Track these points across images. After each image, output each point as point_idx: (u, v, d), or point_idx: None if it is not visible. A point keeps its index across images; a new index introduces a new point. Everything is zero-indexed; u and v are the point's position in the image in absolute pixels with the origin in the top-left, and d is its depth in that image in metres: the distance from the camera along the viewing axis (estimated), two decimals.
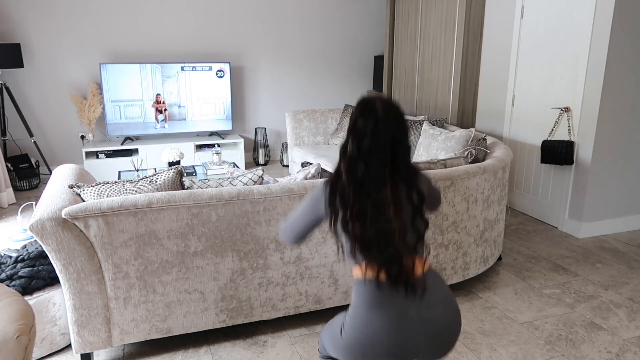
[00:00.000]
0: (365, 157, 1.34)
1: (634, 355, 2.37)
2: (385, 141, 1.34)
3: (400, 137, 1.37)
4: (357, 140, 1.35)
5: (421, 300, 1.37)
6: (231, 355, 2.37)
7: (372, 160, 1.34)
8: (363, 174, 1.35)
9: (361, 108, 1.37)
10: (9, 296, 1.63)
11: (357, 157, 1.35)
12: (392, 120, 1.35)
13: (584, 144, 3.64)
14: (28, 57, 5.09)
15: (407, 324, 1.36)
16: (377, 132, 1.33)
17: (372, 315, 1.36)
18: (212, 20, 5.65)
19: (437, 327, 1.39)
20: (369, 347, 1.36)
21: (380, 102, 1.36)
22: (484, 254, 2.94)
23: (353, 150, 1.35)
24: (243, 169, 3.99)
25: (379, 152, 1.34)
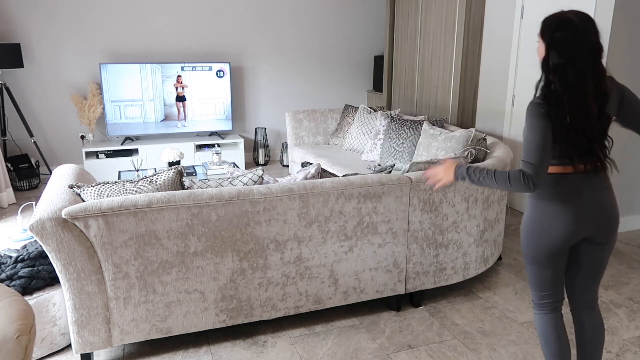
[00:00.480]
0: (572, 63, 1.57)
1: (634, 355, 2.37)
2: (587, 47, 1.57)
3: (597, 40, 1.60)
4: (560, 50, 1.58)
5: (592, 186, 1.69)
6: (231, 355, 2.37)
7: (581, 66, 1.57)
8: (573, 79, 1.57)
9: (556, 22, 1.60)
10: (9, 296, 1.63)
11: (564, 64, 1.58)
12: (589, 26, 1.58)
13: None
14: (28, 57, 5.09)
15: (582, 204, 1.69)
16: (578, 40, 1.57)
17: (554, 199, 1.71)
18: (212, 20, 5.65)
19: (603, 208, 1.71)
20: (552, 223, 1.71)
21: (573, 14, 1.59)
22: (484, 254, 2.94)
23: (558, 59, 1.58)
24: (243, 169, 4.00)
25: (584, 56, 1.57)
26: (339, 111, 5.32)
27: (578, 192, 1.70)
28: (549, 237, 1.74)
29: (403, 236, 2.59)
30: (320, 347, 2.43)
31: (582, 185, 1.70)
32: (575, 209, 1.70)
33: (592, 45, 1.58)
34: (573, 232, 1.72)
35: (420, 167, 2.70)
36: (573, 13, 1.59)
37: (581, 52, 1.57)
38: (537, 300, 1.89)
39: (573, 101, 1.58)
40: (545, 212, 1.73)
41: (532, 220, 1.78)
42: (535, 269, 1.83)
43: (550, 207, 1.72)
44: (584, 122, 1.61)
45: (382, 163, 4.14)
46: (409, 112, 5.47)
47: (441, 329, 2.59)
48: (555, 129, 1.62)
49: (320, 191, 2.35)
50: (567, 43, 1.57)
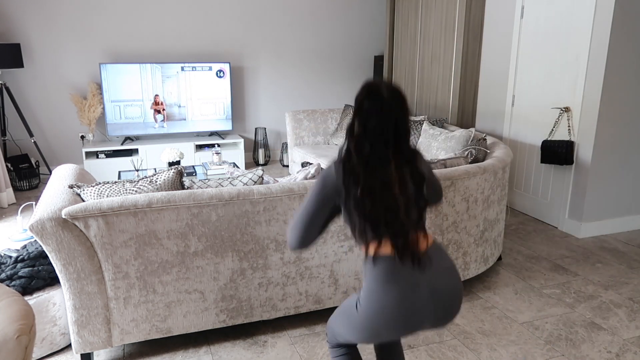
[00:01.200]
0: (371, 138, 1.44)
1: (634, 355, 2.37)
2: (389, 122, 1.43)
3: (403, 119, 1.46)
4: (363, 120, 1.44)
5: (428, 272, 1.46)
6: (231, 355, 2.37)
7: (378, 140, 1.44)
8: (369, 153, 1.44)
9: (367, 91, 1.46)
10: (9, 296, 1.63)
11: (364, 137, 1.44)
12: (396, 103, 1.45)
13: (584, 144, 3.64)
14: (28, 57, 5.09)
15: (419, 295, 1.45)
16: (382, 113, 1.43)
17: (386, 289, 1.45)
18: (212, 20, 5.65)
19: (444, 295, 1.49)
20: (386, 319, 1.46)
21: (385, 86, 1.46)
22: (484, 254, 2.94)
23: (359, 129, 1.45)
24: (243, 169, 3.99)
25: (383, 133, 1.43)
26: (339, 111, 5.32)
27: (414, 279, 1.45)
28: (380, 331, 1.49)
29: None
30: (320, 347, 2.43)
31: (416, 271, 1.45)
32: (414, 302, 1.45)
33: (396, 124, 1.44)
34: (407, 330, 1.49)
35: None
36: (387, 87, 1.45)
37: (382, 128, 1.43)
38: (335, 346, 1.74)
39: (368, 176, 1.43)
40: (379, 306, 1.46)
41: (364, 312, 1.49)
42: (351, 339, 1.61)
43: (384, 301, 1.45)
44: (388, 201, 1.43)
45: None
46: None
47: None
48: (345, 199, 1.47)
49: None
50: (368, 117, 1.43)
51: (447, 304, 1.50)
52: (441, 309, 1.49)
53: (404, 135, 1.47)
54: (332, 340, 1.73)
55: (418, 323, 1.48)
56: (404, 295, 1.44)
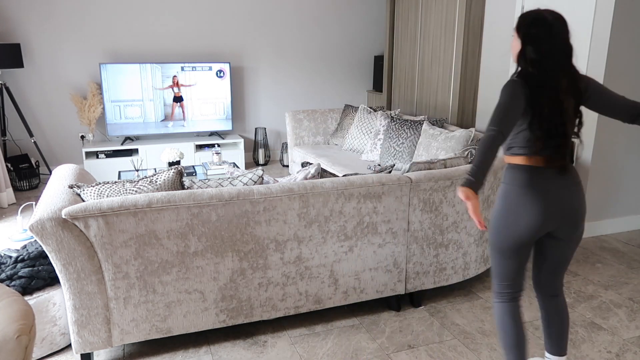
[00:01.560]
0: (546, 60, 1.63)
1: (634, 355, 2.37)
2: (560, 44, 1.65)
3: (569, 39, 1.68)
4: (535, 46, 1.64)
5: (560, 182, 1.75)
6: (231, 355, 2.37)
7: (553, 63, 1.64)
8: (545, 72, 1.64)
9: (532, 18, 1.67)
10: (9, 296, 1.63)
11: (538, 60, 1.63)
12: (562, 25, 1.67)
13: (584, 144, 3.64)
14: (28, 57, 5.09)
15: (550, 199, 1.74)
16: (552, 37, 1.64)
17: (523, 191, 1.75)
18: (212, 20, 5.65)
19: (571, 204, 1.77)
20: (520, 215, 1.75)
21: (547, 12, 1.67)
22: (484, 254, 2.94)
23: (533, 54, 1.64)
24: (243, 169, 4.00)
25: (557, 55, 1.65)
26: (339, 111, 5.32)
27: (546, 186, 1.75)
28: (516, 228, 1.78)
29: (403, 236, 2.59)
30: (320, 347, 2.43)
31: (550, 180, 1.75)
32: (543, 203, 1.74)
33: (565, 43, 1.66)
34: (539, 226, 1.77)
35: (420, 167, 2.70)
36: (548, 12, 1.67)
37: (554, 49, 1.64)
38: (498, 290, 1.94)
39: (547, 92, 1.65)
40: (514, 204, 1.77)
41: (501, 211, 1.82)
42: (500, 259, 1.88)
43: (519, 200, 1.76)
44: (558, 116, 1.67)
45: (382, 163, 4.14)
46: (409, 112, 5.47)
47: (441, 329, 2.59)
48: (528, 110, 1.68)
49: (320, 191, 2.35)
50: (541, 39, 1.64)
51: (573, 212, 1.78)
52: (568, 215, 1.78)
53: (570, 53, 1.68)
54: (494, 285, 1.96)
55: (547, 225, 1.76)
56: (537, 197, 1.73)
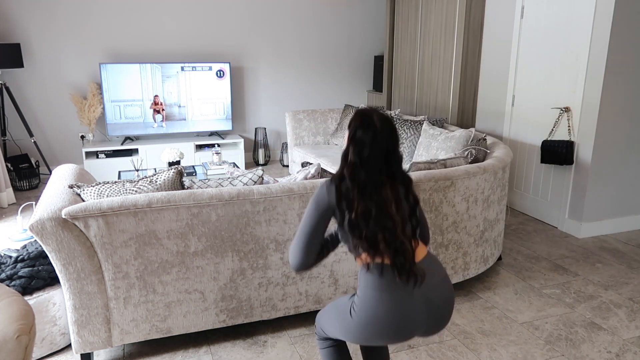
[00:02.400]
0: (366, 165, 1.52)
1: (634, 355, 2.37)
2: (381, 151, 1.53)
3: (394, 148, 1.57)
4: (357, 149, 1.53)
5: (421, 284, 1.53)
6: (231, 355, 2.37)
7: (372, 168, 1.52)
8: (364, 179, 1.52)
9: (360, 120, 1.55)
10: (9, 296, 1.63)
11: (358, 165, 1.52)
12: (387, 133, 1.54)
13: (584, 144, 3.64)
14: (28, 57, 5.09)
15: (413, 303, 1.53)
16: (375, 143, 1.52)
17: (381, 297, 1.52)
18: (212, 20, 5.65)
19: (437, 304, 1.57)
20: (380, 325, 1.52)
21: (377, 117, 1.54)
22: (484, 254, 2.94)
23: (354, 158, 1.53)
24: (243, 169, 3.99)
25: (376, 161, 1.53)
26: (339, 111, 5.32)
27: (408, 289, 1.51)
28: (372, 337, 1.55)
29: None
30: None
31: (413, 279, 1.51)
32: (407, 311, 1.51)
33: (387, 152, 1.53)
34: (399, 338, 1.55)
35: (420, 167, 2.70)
36: (379, 117, 1.54)
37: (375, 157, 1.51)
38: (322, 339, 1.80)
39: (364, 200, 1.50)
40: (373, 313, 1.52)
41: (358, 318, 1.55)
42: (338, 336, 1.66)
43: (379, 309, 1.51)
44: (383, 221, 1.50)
45: None
46: (409, 112, 5.47)
47: None
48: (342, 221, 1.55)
49: None
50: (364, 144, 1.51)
51: (440, 314, 1.58)
52: (433, 318, 1.57)
53: (396, 161, 1.57)
54: (320, 333, 1.79)
55: (410, 332, 1.55)
56: (399, 305, 1.51)
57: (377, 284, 1.52)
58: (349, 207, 1.53)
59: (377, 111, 1.57)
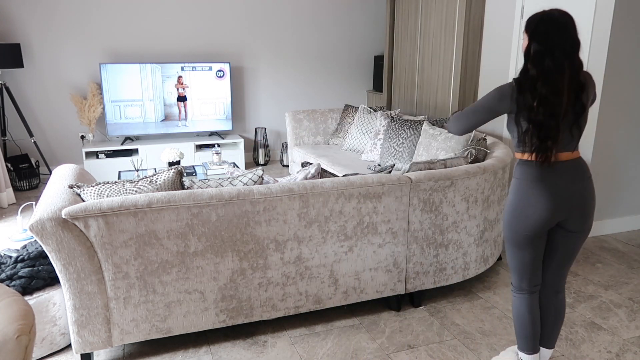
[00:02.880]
0: (551, 52, 1.73)
1: (634, 355, 2.37)
2: (565, 37, 1.74)
3: (575, 33, 1.76)
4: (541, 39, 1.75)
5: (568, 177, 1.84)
6: (231, 355, 2.37)
7: (558, 54, 1.73)
8: (551, 65, 1.73)
9: (540, 16, 1.78)
10: (9, 296, 1.63)
11: (543, 52, 1.74)
12: (568, 21, 1.76)
13: (584, 144, 3.64)
14: (28, 57, 5.09)
15: (559, 191, 1.85)
16: (557, 31, 1.74)
17: (533, 185, 1.86)
18: (212, 20, 5.65)
19: (578, 197, 1.87)
20: (532, 206, 1.86)
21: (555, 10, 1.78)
22: (484, 254, 2.94)
23: (538, 47, 1.75)
24: (243, 169, 4.00)
25: (562, 47, 1.73)
26: (339, 111, 5.32)
27: (555, 180, 1.84)
28: (527, 219, 1.89)
29: (403, 236, 2.59)
30: (320, 347, 2.43)
31: (559, 174, 1.84)
32: (551, 195, 1.84)
33: (570, 38, 1.75)
34: (549, 215, 1.86)
35: (420, 167, 2.70)
36: (555, 10, 1.78)
37: (560, 43, 1.73)
38: (517, 284, 2.05)
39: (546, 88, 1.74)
40: (524, 197, 1.88)
41: (512, 204, 1.92)
42: (515, 252, 1.99)
43: (529, 192, 1.87)
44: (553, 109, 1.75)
45: (382, 163, 4.14)
46: (409, 112, 5.47)
47: (441, 329, 2.59)
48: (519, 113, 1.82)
49: (320, 191, 2.35)
50: (547, 34, 1.74)
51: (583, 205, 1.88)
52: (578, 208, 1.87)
53: (577, 47, 1.76)
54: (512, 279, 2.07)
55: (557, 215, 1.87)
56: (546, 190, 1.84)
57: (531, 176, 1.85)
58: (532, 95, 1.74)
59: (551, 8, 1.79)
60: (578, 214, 1.90)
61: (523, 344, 2.08)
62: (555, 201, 1.85)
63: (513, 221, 1.93)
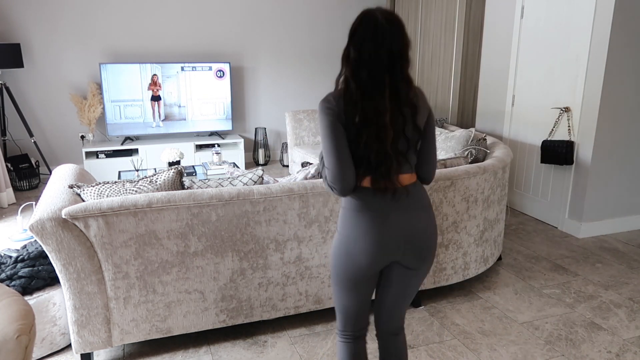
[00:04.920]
0: (367, 64, 1.42)
1: (634, 355, 2.37)
2: (384, 47, 1.41)
3: (399, 44, 1.43)
4: (358, 46, 1.42)
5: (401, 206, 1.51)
6: (231, 355, 2.37)
7: (374, 66, 1.41)
8: (367, 79, 1.42)
9: (361, 16, 1.44)
10: (9, 296, 1.62)
11: (359, 63, 1.42)
12: (390, 29, 1.42)
13: (584, 144, 3.64)
14: (28, 57, 5.09)
15: (389, 224, 1.51)
16: (376, 39, 1.40)
17: (359, 216, 1.52)
18: (212, 20, 5.65)
19: (414, 230, 1.54)
20: (357, 243, 1.52)
21: (380, 12, 1.43)
22: (484, 254, 2.94)
23: (355, 56, 1.43)
24: (243, 169, 3.99)
25: (379, 59, 1.41)
26: None
27: (385, 210, 1.51)
28: (353, 259, 1.54)
29: None
30: (320, 347, 2.43)
31: (389, 203, 1.51)
32: (382, 230, 1.50)
33: (390, 50, 1.42)
34: (377, 256, 1.53)
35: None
36: (382, 13, 1.43)
37: (377, 55, 1.41)
38: (341, 327, 1.73)
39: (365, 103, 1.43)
40: (351, 231, 1.54)
41: (336, 240, 1.59)
42: (340, 292, 1.64)
43: (356, 227, 1.52)
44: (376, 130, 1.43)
45: None
46: None
47: (441, 329, 2.59)
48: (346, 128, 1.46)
49: (320, 191, 2.35)
50: (364, 40, 1.42)
51: (418, 241, 1.54)
52: (411, 245, 1.54)
53: (400, 62, 1.44)
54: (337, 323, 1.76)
55: (388, 254, 1.53)
56: (375, 223, 1.50)
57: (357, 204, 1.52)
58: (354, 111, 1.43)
59: (381, 8, 1.45)
60: (413, 252, 1.56)
61: None
62: (385, 238, 1.50)
63: (337, 261, 1.58)
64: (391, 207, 1.51)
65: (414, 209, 1.54)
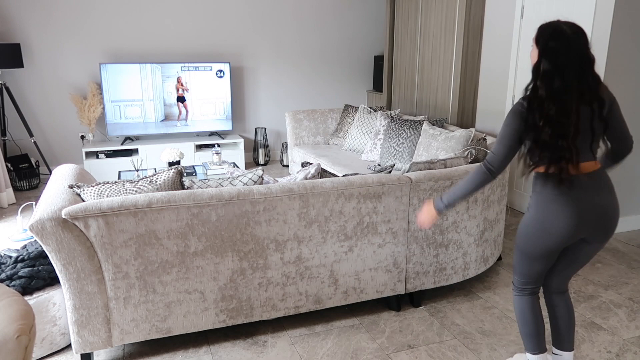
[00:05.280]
0: (561, 73, 1.68)
1: (634, 355, 2.37)
2: (576, 56, 1.69)
3: (587, 51, 1.72)
4: (552, 58, 1.69)
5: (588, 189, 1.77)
6: (231, 355, 2.37)
7: (568, 74, 1.68)
8: (558, 86, 1.68)
9: (551, 31, 1.71)
10: (9, 296, 1.62)
11: (553, 72, 1.69)
12: (580, 38, 1.70)
13: None
14: (28, 57, 5.09)
15: (582, 207, 1.77)
16: (569, 50, 1.68)
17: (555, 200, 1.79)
18: (212, 20, 5.65)
19: (603, 210, 1.79)
20: (554, 223, 1.79)
21: (566, 25, 1.71)
22: (484, 254, 2.94)
23: (549, 67, 1.69)
24: (243, 169, 4.00)
25: (572, 67, 1.68)
26: (339, 111, 5.32)
27: (575, 194, 1.77)
28: (549, 236, 1.82)
29: (403, 236, 2.59)
30: (320, 347, 2.43)
31: (577, 188, 1.77)
32: (576, 212, 1.77)
33: (581, 56, 1.70)
34: (571, 236, 1.81)
35: (420, 167, 2.70)
36: (567, 25, 1.71)
37: (570, 62, 1.68)
38: (519, 285, 2.03)
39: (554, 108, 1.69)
40: (548, 211, 1.81)
41: (535, 219, 1.85)
42: (526, 262, 1.95)
43: (552, 207, 1.79)
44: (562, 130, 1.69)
45: (382, 163, 4.14)
46: (409, 112, 5.47)
47: (441, 329, 2.59)
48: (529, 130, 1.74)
49: (320, 191, 2.35)
50: (557, 53, 1.68)
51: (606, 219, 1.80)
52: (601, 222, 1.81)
53: (589, 65, 1.72)
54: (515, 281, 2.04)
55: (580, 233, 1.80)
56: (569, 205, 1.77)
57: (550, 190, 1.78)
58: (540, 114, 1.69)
59: (561, 21, 1.72)
60: (601, 229, 1.84)
61: (528, 343, 2.06)
62: (578, 217, 1.78)
63: (532, 236, 1.87)
64: (580, 191, 1.77)
65: (600, 192, 1.79)
